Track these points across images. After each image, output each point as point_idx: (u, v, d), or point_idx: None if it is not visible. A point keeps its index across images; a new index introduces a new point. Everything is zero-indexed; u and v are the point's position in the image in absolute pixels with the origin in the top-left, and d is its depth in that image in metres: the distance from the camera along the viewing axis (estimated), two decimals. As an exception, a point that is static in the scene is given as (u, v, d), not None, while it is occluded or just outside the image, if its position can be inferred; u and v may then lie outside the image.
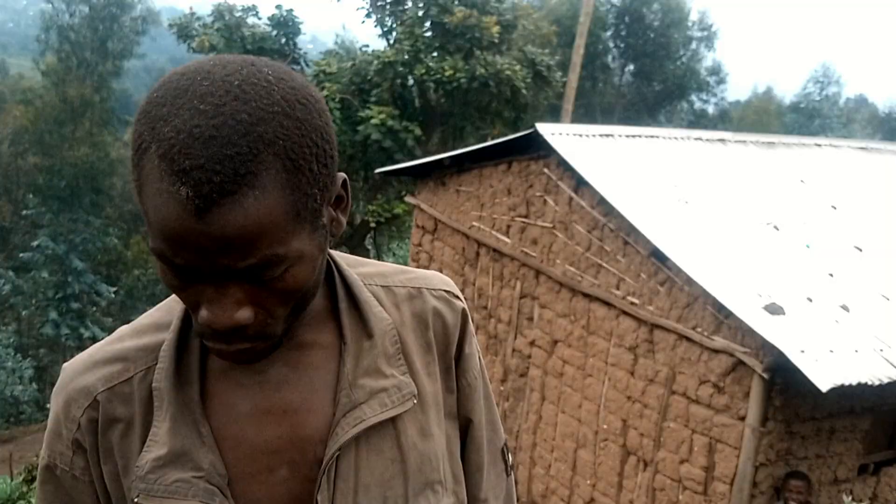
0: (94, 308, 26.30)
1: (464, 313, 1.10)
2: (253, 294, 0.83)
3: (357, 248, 16.68)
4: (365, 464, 0.96)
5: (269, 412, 0.96)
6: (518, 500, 1.23)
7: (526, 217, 7.63)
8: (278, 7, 17.21)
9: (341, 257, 1.06)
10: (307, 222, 0.83)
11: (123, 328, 1.03)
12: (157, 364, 0.96)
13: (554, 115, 19.20)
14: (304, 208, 0.81)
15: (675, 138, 8.08)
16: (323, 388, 0.98)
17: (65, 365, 1.01)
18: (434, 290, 1.09)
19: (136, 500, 0.92)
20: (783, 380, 5.28)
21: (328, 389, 0.98)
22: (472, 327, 1.12)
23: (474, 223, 8.35)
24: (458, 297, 1.11)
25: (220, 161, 0.74)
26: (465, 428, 1.12)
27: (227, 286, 0.81)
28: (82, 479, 0.97)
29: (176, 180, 0.75)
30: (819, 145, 9.18)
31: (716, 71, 34.19)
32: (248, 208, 0.76)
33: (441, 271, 9.06)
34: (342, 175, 0.92)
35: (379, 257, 18.74)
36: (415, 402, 1.00)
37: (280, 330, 0.88)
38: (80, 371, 0.99)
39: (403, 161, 12.57)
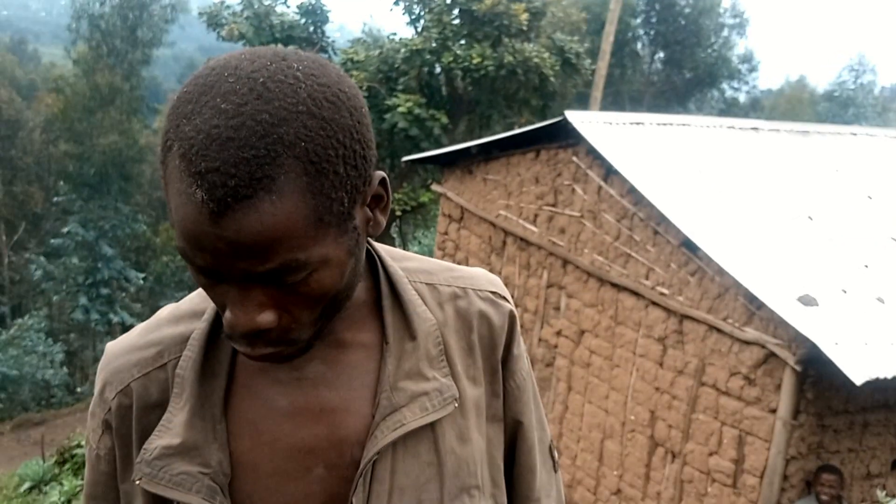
0: (124, 294, 26.68)
1: (511, 315, 1.07)
2: (277, 298, 0.80)
3: (382, 237, 16.70)
4: (401, 467, 0.94)
5: (306, 410, 0.94)
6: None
7: (554, 206, 7.57)
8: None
9: (386, 251, 1.03)
10: (332, 227, 0.79)
11: (164, 311, 1.03)
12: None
13: (582, 103, 19.05)
14: (327, 212, 0.77)
15: (707, 126, 7.96)
16: (362, 389, 0.95)
17: (108, 345, 1.01)
18: (480, 290, 1.06)
19: (137, 481, 0.91)
20: (816, 372, 5.19)
21: (367, 390, 0.95)
22: (519, 328, 1.09)
23: (501, 212, 8.30)
24: (505, 297, 1.08)
25: (236, 164, 0.72)
26: (515, 430, 1.08)
27: (250, 289, 0.79)
28: (106, 458, 0.98)
29: (192, 182, 0.73)
30: (854, 134, 9.01)
31: (747, 59, 33.77)
32: (265, 213, 0.73)
33: (467, 260, 9.07)
34: (380, 174, 0.88)
35: (404, 246, 18.76)
36: (456, 405, 0.97)
37: (307, 335, 0.86)
38: (118, 354, 0.99)
39: (430, 149, 12.54)
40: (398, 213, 16.28)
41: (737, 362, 5.64)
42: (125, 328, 26.11)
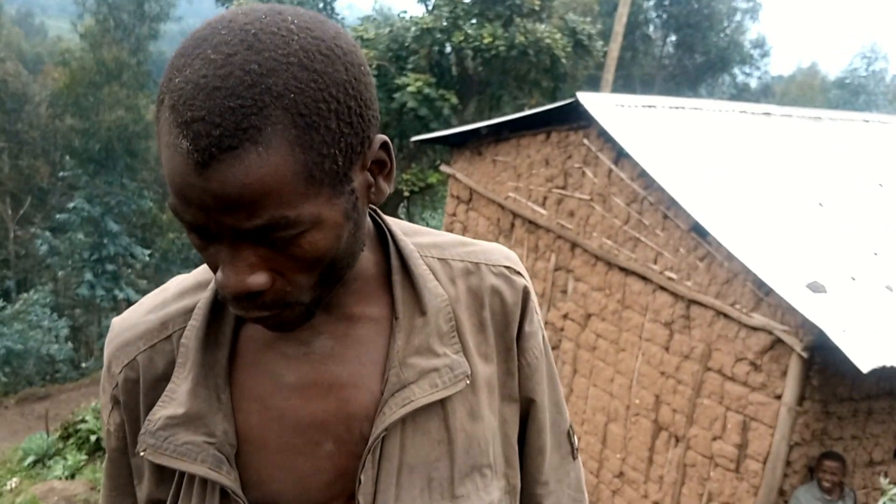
0: (129, 270, 26.73)
1: (525, 290, 1.04)
2: (268, 259, 0.78)
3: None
4: (410, 444, 0.93)
5: (315, 385, 0.92)
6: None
7: (563, 188, 7.54)
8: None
9: (398, 225, 1.01)
10: (325, 185, 0.76)
11: (169, 284, 1.01)
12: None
13: (593, 86, 18.95)
14: (318, 169, 0.74)
15: (719, 111, 7.91)
16: (371, 364, 0.93)
17: (114, 320, 1.00)
18: (493, 265, 1.03)
19: (142, 453, 0.90)
20: (822, 359, 5.18)
21: (376, 365, 0.93)
22: (534, 304, 1.06)
23: (510, 194, 8.28)
24: (519, 272, 1.05)
25: (222, 114, 0.70)
26: (527, 409, 1.06)
27: (241, 248, 0.77)
28: (116, 434, 0.98)
29: (179, 133, 0.71)
30: (867, 121, 8.95)
31: (759, 44, 33.57)
32: (250, 165, 0.71)
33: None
34: (381, 137, 0.85)
35: (411, 226, 18.72)
36: (467, 382, 0.95)
37: (306, 299, 0.83)
38: (123, 329, 0.98)
39: (439, 130, 12.50)
40: (406, 194, 16.25)
41: (743, 348, 5.63)
42: (130, 304, 25.75)
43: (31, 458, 13.52)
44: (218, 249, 0.78)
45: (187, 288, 0.98)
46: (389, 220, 1.00)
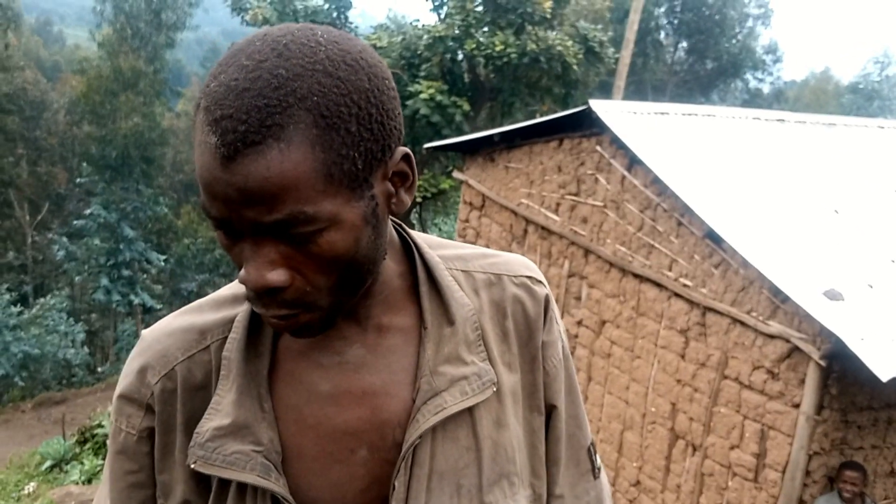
0: (145, 275, 26.92)
1: (546, 300, 1.06)
2: (289, 257, 0.81)
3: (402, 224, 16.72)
4: (440, 451, 0.95)
5: (349, 393, 0.95)
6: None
7: (576, 195, 7.53)
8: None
9: (422, 238, 1.04)
10: (344, 186, 0.79)
11: (205, 298, 1.03)
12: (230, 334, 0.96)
13: (604, 92, 18.93)
14: (338, 169, 0.78)
15: (733, 118, 7.88)
16: (401, 373, 0.96)
17: (144, 332, 1.01)
18: (515, 276, 1.06)
19: (192, 465, 0.92)
20: (840, 368, 5.14)
21: (407, 374, 0.96)
22: (555, 314, 1.08)
23: (523, 200, 8.27)
24: (540, 282, 1.08)
25: (248, 111, 0.74)
26: (548, 416, 1.07)
27: (263, 244, 0.80)
28: (146, 439, 0.97)
29: (209, 130, 0.76)
30: (882, 127, 8.89)
31: (772, 49, 33.45)
32: (272, 160, 0.75)
33: (487, 248, 8.98)
34: (404, 149, 0.87)
35: (423, 232, 18.76)
36: (494, 389, 0.97)
37: (325, 302, 0.85)
38: (159, 338, 0.98)
39: (451, 136, 12.51)
40: (418, 200, 16.28)
41: (760, 356, 5.60)
42: (146, 309, 26.36)
43: (48, 463, 13.61)
44: (242, 248, 0.81)
45: (224, 300, 1.00)
46: (415, 233, 1.03)
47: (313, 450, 0.93)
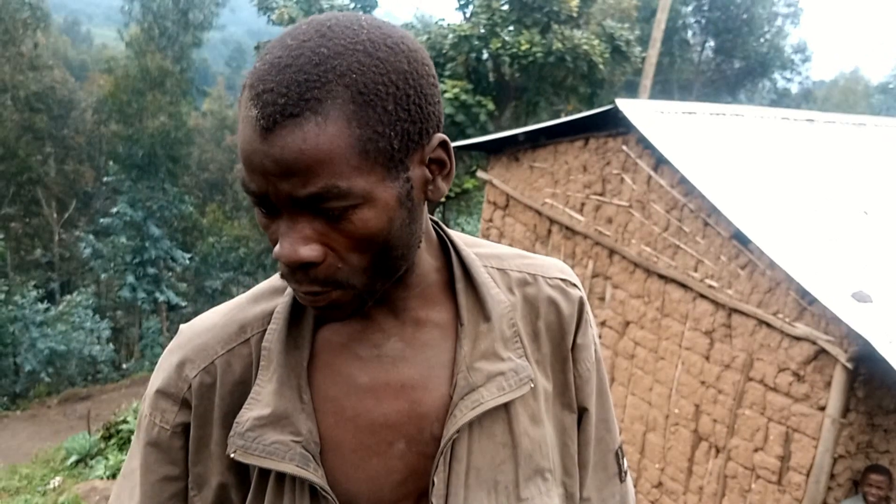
0: (170, 273, 27.17)
1: (581, 302, 1.07)
2: (322, 233, 0.82)
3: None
4: (477, 447, 0.95)
5: (387, 386, 0.95)
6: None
7: (601, 195, 7.50)
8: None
9: (459, 237, 1.04)
10: (379, 165, 0.80)
11: (243, 294, 1.04)
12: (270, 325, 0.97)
13: (630, 91, 18.83)
14: (373, 146, 0.79)
15: (761, 117, 7.81)
16: (439, 367, 0.97)
17: (182, 326, 1.02)
18: (549, 278, 1.07)
19: (232, 455, 0.92)
20: (867, 370, 5.09)
21: (444, 369, 0.96)
22: (589, 317, 1.09)
23: (547, 200, 8.25)
24: (575, 284, 1.09)
25: (288, 85, 0.77)
26: (580, 419, 1.08)
27: (298, 220, 0.82)
28: (180, 435, 0.97)
29: (251, 104, 0.79)
30: (913, 128, 8.77)
31: (801, 49, 33.10)
32: (308, 132, 0.77)
33: (511, 247, 8.96)
34: (440, 136, 0.88)
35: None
36: (531, 386, 0.98)
37: (357, 282, 0.86)
38: (199, 332, 0.99)
39: (475, 136, 12.50)
40: (442, 199, 16.28)
41: (786, 358, 5.54)
42: (170, 307, 26.60)
43: (73, 458, 13.76)
44: (279, 225, 0.83)
45: (263, 293, 1.00)
46: (451, 232, 1.04)
47: (352, 442, 0.94)
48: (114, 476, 12.19)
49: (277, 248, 0.82)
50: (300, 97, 0.76)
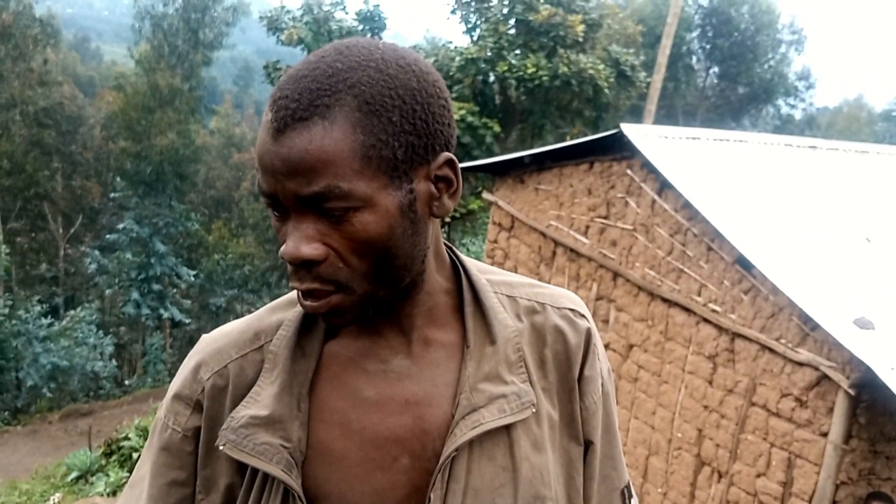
0: (175, 290, 27.13)
1: (588, 333, 1.07)
2: (325, 233, 0.86)
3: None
4: (476, 467, 0.96)
5: (392, 401, 0.97)
6: None
7: (606, 218, 7.55)
8: (366, 1, 17.41)
9: (471, 262, 1.07)
10: (382, 172, 0.85)
11: (265, 306, 1.07)
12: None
13: (635, 116, 18.93)
14: (376, 154, 0.84)
15: (764, 143, 7.87)
16: (443, 386, 0.98)
17: (204, 335, 1.05)
18: (558, 307, 1.07)
19: (221, 447, 0.95)
20: (870, 397, 5.10)
21: (448, 388, 0.98)
22: (598, 349, 1.09)
23: (552, 222, 8.30)
24: (583, 315, 1.09)
25: (301, 93, 0.84)
26: (584, 452, 1.08)
27: (303, 220, 0.86)
28: (191, 439, 1.00)
29: (269, 109, 0.86)
30: (916, 156, 8.82)
31: (804, 76, 33.24)
32: (314, 134, 0.82)
33: (516, 269, 9.08)
34: (448, 154, 0.92)
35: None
36: (533, 410, 0.99)
37: (359, 287, 0.89)
38: (216, 338, 1.03)
39: (481, 157, 12.57)
40: (447, 220, 16.33)
41: (788, 383, 5.56)
42: (174, 324, 26.56)
43: (74, 474, 13.72)
44: (287, 226, 0.88)
45: (281, 304, 1.04)
46: (465, 258, 1.06)
47: (357, 455, 0.96)
48: (114, 493, 12.14)
49: (283, 247, 0.87)
50: (311, 103, 0.83)
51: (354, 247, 0.87)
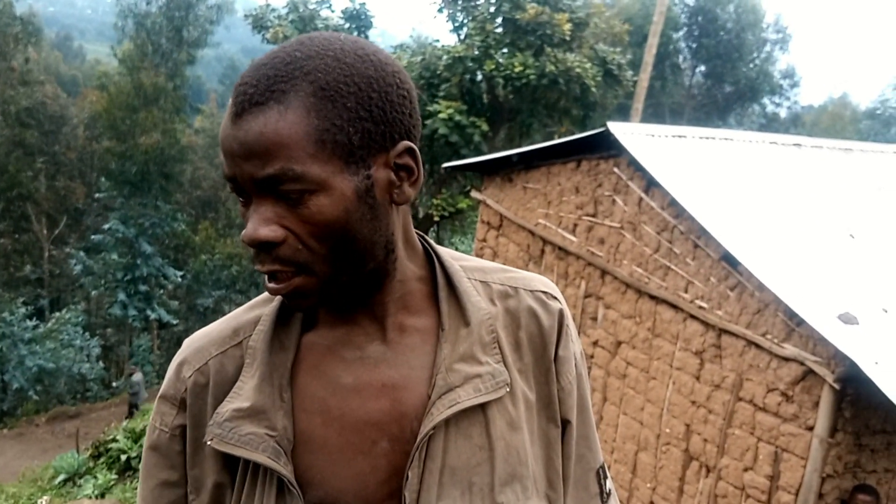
0: (161, 291, 26.95)
1: (560, 314, 1.10)
2: (282, 216, 0.89)
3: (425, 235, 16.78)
4: (453, 446, 0.99)
5: (370, 386, 1.00)
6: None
7: (593, 216, 7.59)
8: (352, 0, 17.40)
9: (444, 251, 1.09)
10: (336, 157, 0.87)
11: (243, 305, 1.10)
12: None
13: (622, 115, 19.02)
14: (330, 138, 0.87)
15: (750, 141, 7.93)
16: (420, 369, 1.01)
17: (188, 337, 1.08)
18: (531, 290, 1.10)
19: (209, 442, 0.97)
20: (854, 391, 5.16)
21: (425, 370, 1.01)
22: (571, 330, 1.11)
23: (540, 220, 8.34)
24: (556, 297, 1.11)
25: (259, 79, 0.87)
26: (562, 432, 1.10)
27: (262, 204, 0.89)
28: (178, 438, 1.02)
29: (231, 97, 0.90)
30: (899, 153, 8.91)
31: (789, 74, 33.48)
32: (269, 118, 0.85)
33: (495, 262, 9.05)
34: (407, 143, 0.94)
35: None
36: (507, 390, 1.01)
37: (319, 269, 0.91)
38: (197, 339, 1.06)
39: (469, 156, 12.60)
40: (436, 219, 16.35)
41: (774, 378, 5.62)
42: (162, 325, 26.41)
43: (61, 477, 13.64)
44: (248, 211, 0.91)
45: (257, 302, 1.07)
46: (438, 247, 1.09)
47: (338, 441, 0.98)
48: (102, 495, 12.10)
49: (244, 231, 0.90)
50: (267, 88, 0.86)
51: (311, 230, 0.89)
